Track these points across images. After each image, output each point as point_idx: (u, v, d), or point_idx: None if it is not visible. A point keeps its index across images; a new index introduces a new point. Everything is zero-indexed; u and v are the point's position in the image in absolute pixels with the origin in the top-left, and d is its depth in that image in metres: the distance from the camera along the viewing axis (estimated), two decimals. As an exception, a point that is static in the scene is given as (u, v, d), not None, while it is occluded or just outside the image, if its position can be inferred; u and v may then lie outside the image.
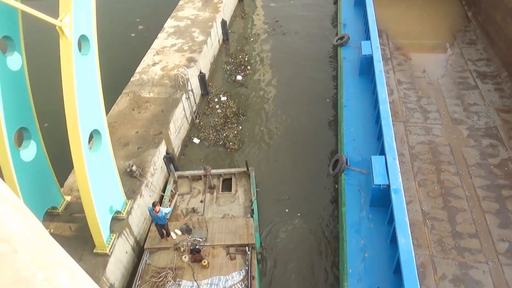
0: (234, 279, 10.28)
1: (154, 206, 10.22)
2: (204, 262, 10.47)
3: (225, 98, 17.52)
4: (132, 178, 11.94)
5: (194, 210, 12.57)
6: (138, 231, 11.62)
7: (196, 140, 15.62)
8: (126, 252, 10.92)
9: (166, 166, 13.63)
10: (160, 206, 10.48)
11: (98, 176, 9.52)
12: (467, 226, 10.35)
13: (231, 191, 13.20)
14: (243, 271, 10.42)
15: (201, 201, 12.86)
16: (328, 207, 12.92)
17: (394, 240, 8.89)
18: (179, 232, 11.38)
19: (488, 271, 9.40)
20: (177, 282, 10.20)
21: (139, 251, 11.54)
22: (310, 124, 16.03)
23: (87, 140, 8.98)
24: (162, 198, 12.93)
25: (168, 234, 11.21)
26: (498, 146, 12.49)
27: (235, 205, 12.75)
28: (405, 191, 9.99)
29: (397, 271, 8.59)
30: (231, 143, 15.22)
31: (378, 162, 10.09)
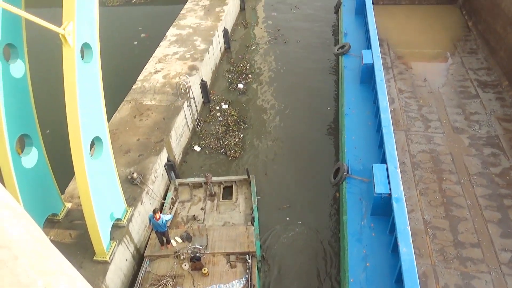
0: (234, 287, 10.21)
1: (154, 213, 10.20)
2: (204, 270, 10.41)
3: (226, 106, 17.56)
4: (133, 185, 11.93)
5: (194, 218, 12.53)
6: (139, 238, 11.58)
7: (197, 148, 15.63)
8: (126, 259, 10.87)
9: (167, 173, 13.63)
10: (161, 213, 10.46)
11: (99, 183, 9.51)
12: (469, 235, 10.29)
13: (231, 199, 13.16)
14: (243, 279, 10.36)
15: (201, 208, 12.83)
16: (329, 215, 12.87)
17: (395, 249, 8.84)
18: (180, 239, 11.33)
19: (490, 281, 9.33)
20: (177, 291, 10.14)
21: (139, 259, 11.48)
22: (311, 132, 16.04)
23: (89, 147, 9.00)
24: (162, 206, 12.89)
25: (169, 242, 11.17)
26: (499, 155, 12.47)
27: (235, 212, 12.71)
28: (406, 200, 9.97)
29: (398, 280, 8.52)
30: (232, 151, 15.23)
31: (379, 171, 10.07)
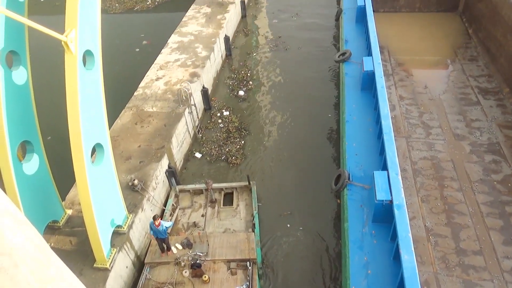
0: (235, 295, 10.15)
1: (154, 219, 10.18)
2: (205, 277, 10.35)
3: (227, 113, 17.60)
4: (133, 192, 11.92)
5: (195, 224, 12.50)
6: (139, 245, 11.54)
7: (198, 155, 15.63)
8: (127, 266, 10.82)
9: (168, 180, 13.62)
10: (161, 220, 10.43)
11: (100, 190, 9.51)
12: (471, 243, 10.24)
13: (232, 205, 13.14)
14: (244, 286, 10.29)
15: (202, 215, 12.79)
16: (330, 222, 12.82)
17: (397, 257, 8.79)
18: (180, 246, 11.29)
19: (493, 289, 9.26)
20: (177, 298, 10.07)
21: (140, 266, 11.43)
22: (312, 139, 16.04)
23: (90, 154, 9.01)
24: (163, 212, 12.87)
25: (169, 249, 11.12)
26: (501, 162, 12.44)
27: (236, 219, 12.68)
28: (408, 207, 9.94)
29: (400, 288, 8.46)
30: (233, 158, 15.23)
31: (380, 178, 10.05)
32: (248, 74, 20.24)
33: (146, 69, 18.07)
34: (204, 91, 17.17)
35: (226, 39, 21.31)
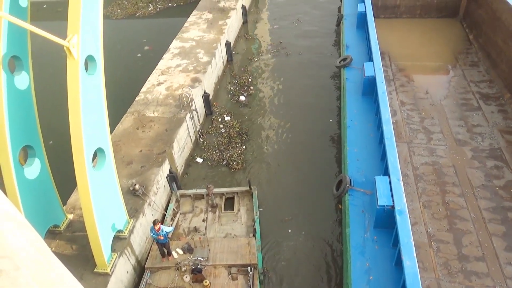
0: (236, 301, 10.09)
1: (154, 224, 10.16)
2: (206, 282, 10.30)
3: (228, 118, 17.62)
4: (135, 196, 11.91)
5: (196, 229, 12.47)
6: (140, 250, 11.51)
7: (200, 160, 15.63)
8: (127, 271, 10.78)
9: (169, 185, 13.61)
10: (162, 225, 10.42)
11: (101, 194, 9.50)
12: (474, 249, 10.18)
13: (233, 210, 13.11)
14: (245, 293, 10.24)
15: (203, 220, 12.77)
16: (332, 228, 12.78)
17: (399, 263, 8.74)
18: (181, 251, 11.25)
19: (496, 295, 9.19)
20: (178, 304, 10.02)
21: (140, 271, 11.38)
22: (313, 144, 16.04)
23: (91, 158, 9.02)
24: (164, 217, 12.85)
25: (170, 254, 11.09)
26: (503, 167, 12.41)
27: (237, 224, 12.65)
28: (409, 212, 9.90)
29: (402, 294, 8.40)
30: (234, 163, 15.22)
31: (382, 183, 10.02)
32: (249, 80, 20.30)
33: (148, 74, 18.14)
34: (205, 96, 17.21)
35: (227, 44, 21.41)
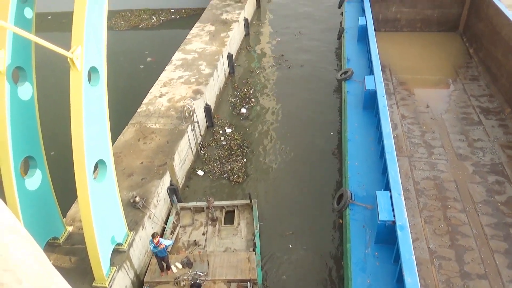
0: (235, 316, 9.97)
1: (153, 237, 10.09)
2: (205, 297, 10.20)
3: (230, 130, 17.65)
4: (135, 209, 11.86)
5: (195, 243, 12.38)
6: (139, 264, 11.41)
7: (200, 172, 15.60)
8: (126, 286, 10.67)
9: (169, 197, 13.56)
10: (161, 238, 10.34)
11: (101, 206, 9.46)
12: (476, 266, 10.09)
13: (233, 224, 13.03)
14: (244, 308, 10.12)
15: (203, 233, 12.69)
16: (332, 243, 12.68)
17: (400, 280, 8.64)
18: (180, 265, 11.16)
19: (498, 313, 9.07)
20: (176, 319, 9.90)
21: (139, 285, 11.27)
22: (314, 157, 16.02)
23: (92, 170, 9.00)
24: (164, 230, 12.77)
25: (169, 268, 10.99)
26: (504, 183, 12.37)
27: (237, 238, 12.56)
28: (411, 227, 9.82)
29: (404, 312, 8.30)
30: (235, 176, 15.19)
31: (383, 198, 9.98)
32: (251, 92, 20.38)
33: (150, 85, 18.22)
34: (207, 108, 17.26)
35: (229, 56, 21.55)
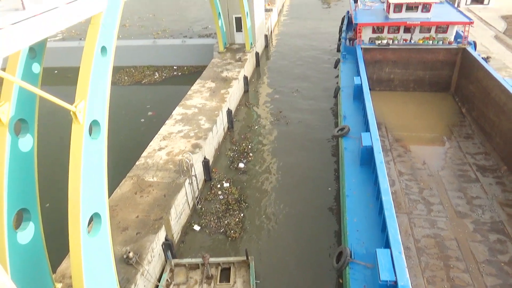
0: None
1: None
2: None
3: (227, 185, 17.58)
4: (128, 265, 11.45)
5: (189, 303, 11.83)
6: (128, 324, 10.80)
7: (197, 227, 15.30)
8: None
9: (164, 253, 13.16)
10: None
11: (94, 263, 9.14)
12: (483, 330, 9.61)
13: (229, 282, 12.53)
14: None
15: (197, 292, 12.17)
16: (332, 303, 12.15)
17: None
18: (172, 327, 10.56)
19: None
20: None
21: None
22: (312, 213, 15.82)
23: (87, 223, 8.83)
24: (156, 288, 12.25)
25: (160, 330, 10.40)
26: (506, 242, 12.16)
27: (233, 298, 12.02)
28: (413, 288, 9.48)
29: None
30: (232, 231, 14.88)
31: (383, 256, 9.72)
32: (249, 147, 20.61)
33: (150, 139, 18.45)
34: (205, 162, 17.34)
35: (229, 112, 22.07)
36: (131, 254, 11.46)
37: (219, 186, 17.57)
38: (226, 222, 15.37)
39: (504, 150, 16.08)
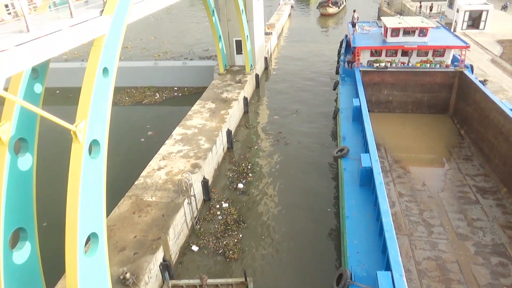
0: None
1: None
2: None
3: (226, 205, 17.48)
4: (124, 286, 11.27)
5: (186, 326, 11.57)
6: None
7: (195, 248, 15.12)
8: None
9: (162, 274, 12.97)
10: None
11: (90, 284, 8.99)
12: None
13: (227, 305, 12.31)
14: None
15: (194, 315, 11.92)
16: (332, 327, 11.87)
17: None
18: None
19: None
20: None
21: None
22: (311, 234, 15.67)
23: (84, 243, 8.74)
24: (153, 311, 12.01)
25: None
26: (508, 265, 12.00)
27: (231, 321, 11.77)
28: (415, 312, 9.30)
29: None
30: (231, 252, 14.70)
31: (384, 279, 9.57)
32: (248, 167, 20.59)
33: (149, 159, 18.46)
34: (204, 182, 17.30)
35: (228, 132, 22.17)
36: (128, 275, 11.29)
37: (218, 206, 17.47)
38: (225, 242, 15.21)
39: (503, 172, 16.08)
